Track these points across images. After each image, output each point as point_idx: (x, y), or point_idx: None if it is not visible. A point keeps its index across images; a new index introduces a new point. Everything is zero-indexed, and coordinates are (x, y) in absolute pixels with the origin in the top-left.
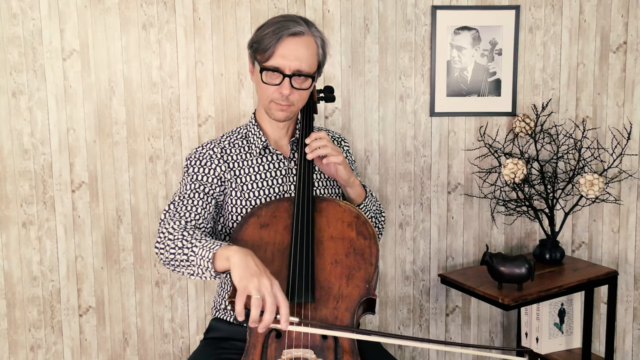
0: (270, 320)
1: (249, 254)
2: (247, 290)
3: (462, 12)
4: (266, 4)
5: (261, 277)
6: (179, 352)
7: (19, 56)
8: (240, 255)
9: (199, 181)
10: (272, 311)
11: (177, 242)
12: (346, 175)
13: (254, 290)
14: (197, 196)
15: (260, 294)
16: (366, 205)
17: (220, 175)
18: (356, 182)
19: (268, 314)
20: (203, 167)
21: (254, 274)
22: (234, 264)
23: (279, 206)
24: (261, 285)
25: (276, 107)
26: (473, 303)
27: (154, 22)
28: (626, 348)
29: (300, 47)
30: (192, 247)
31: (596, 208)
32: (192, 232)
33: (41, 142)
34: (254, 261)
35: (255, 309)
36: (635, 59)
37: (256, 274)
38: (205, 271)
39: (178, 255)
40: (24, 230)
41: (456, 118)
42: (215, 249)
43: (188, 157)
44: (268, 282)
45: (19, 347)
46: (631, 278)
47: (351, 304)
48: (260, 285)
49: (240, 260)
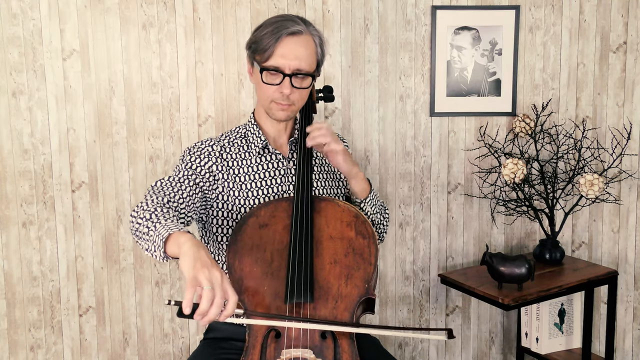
0: (216, 315)
1: (201, 246)
2: (197, 281)
3: (462, 12)
4: (266, 4)
5: (212, 269)
6: (179, 352)
7: (19, 56)
8: (191, 245)
9: (192, 169)
10: (219, 305)
11: (147, 214)
12: (347, 166)
13: (205, 281)
14: (187, 183)
15: (211, 285)
16: (371, 199)
17: (215, 173)
18: (360, 174)
19: (215, 307)
20: (199, 159)
21: (205, 265)
22: (184, 252)
23: (277, 206)
24: (212, 276)
25: (277, 107)
26: (473, 303)
27: (154, 22)
28: (626, 348)
29: (299, 46)
30: (155, 223)
31: (596, 208)
32: (166, 211)
33: (41, 142)
34: (205, 253)
35: (207, 301)
36: (635, 59)
37: (207, 265)
38: (157, 249)
39: (142, 227)
40: (24, 230)
41: (456, 118)
42: (172, 231)
43: (187, 148)
44: (219, 274)
45: (19, 347)
46: (631, 278)
47: (350, 304)
48: (212, 277)
49: (190, 250)
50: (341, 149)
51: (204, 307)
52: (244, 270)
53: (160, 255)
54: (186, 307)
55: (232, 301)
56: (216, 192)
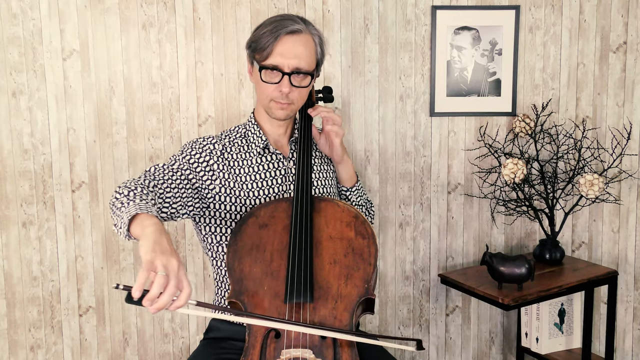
0: (166, 303)
1: (164, 233)
2: (153, 266)
3: (462, 12)
4: (266, 4)
5: (171, 256)
6: (178, 352)
7: (19, 56)
8: (155, 230)
9: (189, 164)
10: (170, 294)
11: (125, 190)
12: (340, 151)
13: (160, 266)
14: (179, 175)
15: (167, 272)
16: (358, 188)
17: (215, 171)
18: (349, 161)
19: (166, 295)
20: (199, 155)
21: (164, 251)
22: (145, 234)
23: (277, 206)
24: (169, 263)
25: (276, 106)
26: (473, 303)
27: (154, 22)
28: (626, 348)
29: (298, 45)
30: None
31: (596, 208)
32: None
33: (41, 142)
34: (167, 241)
35: (158, 287)
36: (635, 59)
37: (166, 252)
38: (122, 225)
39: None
40: (24, 230)
41: (456, 118)
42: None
43: (188, 142)
44: (177, 263)
45: (19, 347)
46: (631, 278)
47: (350, 304)
48: (169, 264)
49: (153, 234)
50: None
51: (154, 293)
52: (244, 271)
53: (124, 232)
54: (136, 290)
55: (185, 292)
56: (213, 192)
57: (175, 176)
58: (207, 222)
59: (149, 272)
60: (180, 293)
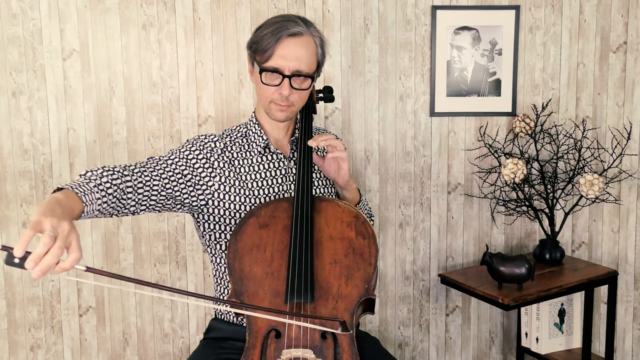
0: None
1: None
2: (41, 225)
3: (462, 12)
4: (266, 4)
5: (63, 220)
6: (179, 352)
7: (19, 56)
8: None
9: (187, 159)
10: (55, 255)
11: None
12: (347, 176)
13: (49, 226)
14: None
15: (55, 233)
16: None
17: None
18: (354, 185)
19: (50, 256)
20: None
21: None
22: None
23: (278, 206)
24: (60, 226)
25: (276, 108)
26: (473, 303)
27: (154, 22)
28: (626, 348)
29: (299, 48)
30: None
31: (596, 208)
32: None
33: (41, 142)
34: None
35: (43, 246)
36: (635, 59)
37: (58, 216)
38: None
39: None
40: (24, 230)
41: (456, 118)
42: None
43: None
44: (69, 227)
45: (19, 347)
46: (631, 278)
47: (350, 304)
48: (59, 226)
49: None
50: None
51: (38, 252)
52: (244, 271)
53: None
54: (18, 248)
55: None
56: (212, 189)
57: (169, 168)
58: (206, 219)
59: (34, 231)
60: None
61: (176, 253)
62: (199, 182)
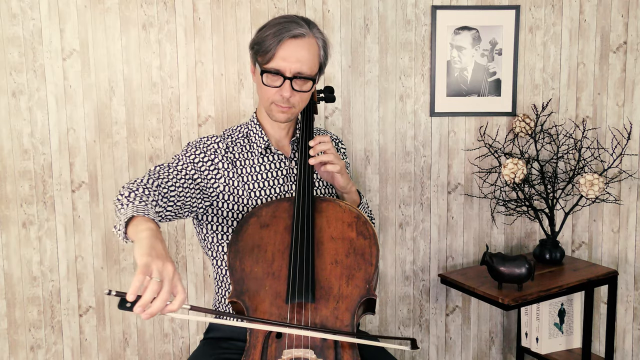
0: (159, 309)
1: (159, 239)
2: (149, 270)
3: (462, 12)
4: (266, 4)
5: (166, 261)
6: (179, 352)
7: (19, 56)
8: (150, 235)
9: (194, 163)
10: (163, 300)
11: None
12: (343, 182)
13: (156, 271)
14: (183, 174)
15: (161, 277)
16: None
17: (218, 171)
18: (353, 189)
19: (159, 301)
20: (203, 154)
21: (160, 256)
22: (140, 238)
23: (279, 206)
24: (164, 269)
25: (277, 109)
26: (473, 303)
27: (154, 22)
28: (626, 348)
29: (301, 50)
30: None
31: (596, 208)
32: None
33: (41, 142)
34: (162, 246)
35: (151, 293)
36: (635, 59)
37: (161, 257)
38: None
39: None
40: (24, 230)
41: (456, 118)
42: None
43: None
44: (172, 269)
45: (19, 347)
46: (631, 278)
47: (351, 304)
48: (164, 269)
49: (148, 239)
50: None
51: (147, 299)
52: (245, 271)
53: (121, 234)
54: (131, 294)
55: (179, 298)
56: (217, 191)
57: (180, 175)
58: (210, 220)
59: (144, 276)
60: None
61: (176, 253)
62: (207, 185)
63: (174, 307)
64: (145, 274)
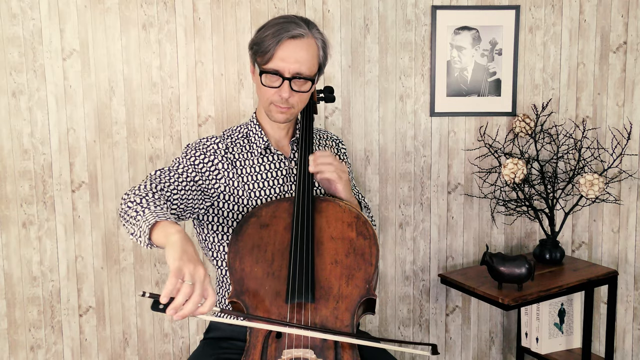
0: (190, 312)
1: (190, 241)
2: (181, 273)
3: (462, 12)
4: (266, 4)
5: (197, 265)
6: (179, 352)
7: (19, 56)
8: (180, 237)
9: (194, 165)
10: (195, 302)
11: (137, 198)
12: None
13: (188, 275)
14: (184, 177)
15: (193, 281)
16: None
17: (219, 171)
18: (354, 202)
19: (191, 304)
20: (203, 156)
21: (191, 259)
22: (172, 242)
23: (279, 206)
24: (196, 272)
25: (276, 110)
26: (473, 303)
27: (154, 22)
28: (626, 348)
29: (300, 50)
30: (145, 208)
31: (596, 208)
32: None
33: (41, 142)
34: (193, 249)
35: (183, 296)
36: (635, 59)
37: (193, 261)
38: (142, 235)
39: (130, 210)
40: (24, 230)
41: (456, 118)
42: (160, 219)
43: (191, 144)
44: (203, 272)
45: (19, 347)
46: (631, 278)
47: (351, 304)
48: (195, 273)
49: (179, 242)
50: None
51: (179, 301)
52: (245, 271)
53: (145, 241)
54: (164, 297)
55: (210, 301)
56: (218, 191)
57: (182, 178)
58: (210, 220)
59: (177, 279)
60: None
61: None
62: (208, 186)
63: (205, 309)
64: (177, 277)
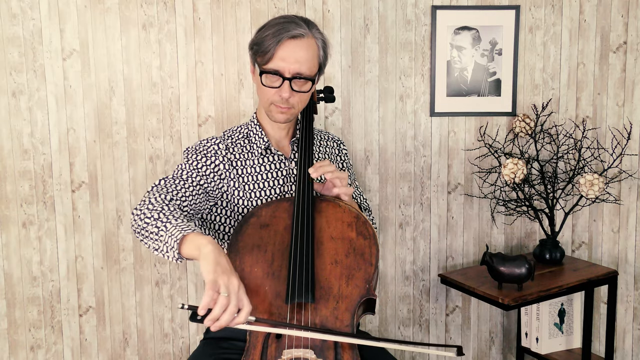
0: (227, 322)
1: (222, 252)
2: (216, 286)
3: (462, 12)
4: (266, 4)
5: (231, 276)
6: (179, 352)
7: (19, 56)
8: (212, 249)
9: (197, 169)
10: (232, 313)
11: (154, 213)
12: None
13: (223, 287)
14: (190, 182)
15: (228, 292)
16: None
17: (221, 172)
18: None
19: (227, 314)
20: (205, 159)
21: (225, 271)
22: (205, 255)
23: (279, 206)
24: (230, 284)
25: (276, 110)
26: (473, 303)
27: (154, 22)
28: (626, 348)
29: (300, 50)
30: (166, 222)
31: (596, 208)
32: (173, 209)
33: (41, 142)
34: (226, 259)
35: (220, 307)
36: (635, 59)
37: (227, 272)
38: (169, 250)
39: (150, 227)
40: (24, 230)
41: (456, 118)
42: (187, 232)
43: (191, 147)
44: (237, 283)
45: (19, 347)
46: (631, 278)
47: (351, 304)
48: (230, 284)
49: (212, 254)
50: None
51: (217, 313)
52: (245, 271)
53: (173, 256)
54: (202, 309)
55: (245, 311)
56: (221, 191)
57: (187, 184)
58: (212, 219)
59: (213, 292)
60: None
61: None
62: (212, 187)
63: (241, 319)
64: (213, 290)
